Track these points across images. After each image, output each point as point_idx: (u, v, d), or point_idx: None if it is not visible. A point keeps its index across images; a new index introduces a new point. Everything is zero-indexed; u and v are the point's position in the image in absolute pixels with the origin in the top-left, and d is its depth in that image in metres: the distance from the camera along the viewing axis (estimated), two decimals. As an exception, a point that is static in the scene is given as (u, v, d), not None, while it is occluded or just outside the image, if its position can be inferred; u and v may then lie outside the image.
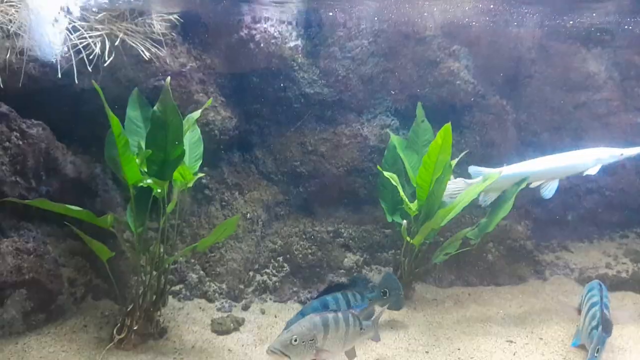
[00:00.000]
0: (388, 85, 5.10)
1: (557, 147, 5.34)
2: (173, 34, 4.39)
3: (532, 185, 4.29)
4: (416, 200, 4.28)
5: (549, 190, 4.21)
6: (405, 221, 4.27)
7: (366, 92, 5.06)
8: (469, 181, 4.37)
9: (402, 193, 4.22)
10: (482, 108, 5.11)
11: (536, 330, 4.15)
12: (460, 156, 4.58)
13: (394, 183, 4.20)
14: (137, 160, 3.47)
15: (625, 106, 5.38)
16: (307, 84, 4.89)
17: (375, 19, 5.04)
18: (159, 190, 3.52)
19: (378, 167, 4.49)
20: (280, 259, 4.68)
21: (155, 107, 3.44)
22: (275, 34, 4.68)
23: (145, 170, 3.52)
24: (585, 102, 5.33)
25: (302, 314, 3.36)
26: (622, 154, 4.22)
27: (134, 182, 3.43)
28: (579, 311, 3.95)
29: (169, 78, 3.60)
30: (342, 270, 4.77)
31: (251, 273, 4.53)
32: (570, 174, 4.32)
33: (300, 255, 4.69)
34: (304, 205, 4.98)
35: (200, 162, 3.87)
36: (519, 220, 5.14)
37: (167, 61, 4.35)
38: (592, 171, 4.16)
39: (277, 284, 4.54)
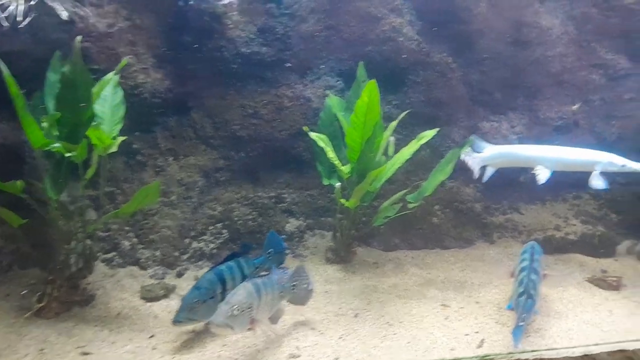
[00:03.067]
0: (331, 44, 4.88)
1: (510, 107, 5.20)
2: (98, -8, 4.19)
3: (533, 172, 4.24)
4: (349, 163, 4.15)
5: (542, 176, 4.16)
6: (338, 184, 4.15)
7: (308, 52, 4.84)
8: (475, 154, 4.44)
9: (330, 155, 4.07)
10: (426, 66, 4.88)
11: (474, 293, 4.07)
12: (401, 116, 4.44)
13: (322, 144, 4.05)
14: (44, 124, 3.35)
15: (581, 63, 5.12)
16: (243, 43, 4.67)
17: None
18: (68, 155, 3.40)
19: (304, 128, 4.33)
20: (219, 225, 4.57)
21: (64, 69, 3.37)
22: (206, -11, 4.46)
23: (57, 133, 3.42)
24: (538, 58, 5.06)
25: (197, 288, 3.24)
26: (623, 165, 4.10)
27: (39, 146, 3.30)
28: (513, 274, 3.85)
29: (78, 37, 3.47)
30: (284, 236, 4.69)
31: (187, 240, 4.44)
32: (569, 169, 4.28)
33: (240, 222, 4.59)
34: (246, 170, 4.82)
35: (121, 126, 3.72)
36: (468, 183, 5.00)
37: (92, 22, 4.17)
38: (597, 183, 4.10)
39: (214, 250, 4.46)
